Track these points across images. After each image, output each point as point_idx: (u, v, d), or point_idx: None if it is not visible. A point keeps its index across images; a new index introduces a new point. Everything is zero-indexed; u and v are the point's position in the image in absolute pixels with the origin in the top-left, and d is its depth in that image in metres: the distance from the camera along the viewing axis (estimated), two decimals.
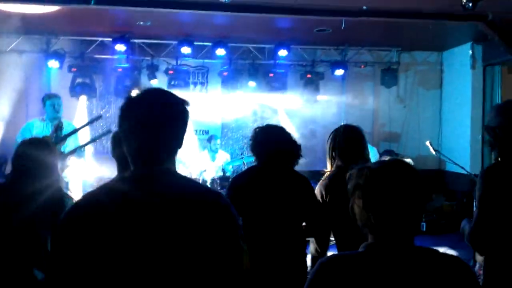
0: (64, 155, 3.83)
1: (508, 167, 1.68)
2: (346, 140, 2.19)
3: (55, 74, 5.66)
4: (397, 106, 6.60)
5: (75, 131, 3.87)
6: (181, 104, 1.10)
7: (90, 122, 4.03)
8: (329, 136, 2.25)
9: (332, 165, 2.22)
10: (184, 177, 1.11)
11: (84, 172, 4.68)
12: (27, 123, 3.90)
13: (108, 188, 1.08)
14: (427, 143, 4.97)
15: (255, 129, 2.25)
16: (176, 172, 1.10)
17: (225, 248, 1.04)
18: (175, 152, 1.10)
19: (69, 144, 3.91)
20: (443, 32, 5.51)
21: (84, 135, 4.35)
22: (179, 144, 1.10)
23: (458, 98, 6.19)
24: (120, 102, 1.18)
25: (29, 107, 5.18)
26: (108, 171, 2.37)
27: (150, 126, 1.06)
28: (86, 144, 3.74)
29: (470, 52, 5.88)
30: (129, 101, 1.09)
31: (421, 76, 6.62)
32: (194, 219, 1.02)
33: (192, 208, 1.03)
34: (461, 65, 6.09)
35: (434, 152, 4.92)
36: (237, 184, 2.20)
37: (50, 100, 3.87)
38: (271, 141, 2.14)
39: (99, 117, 4.16)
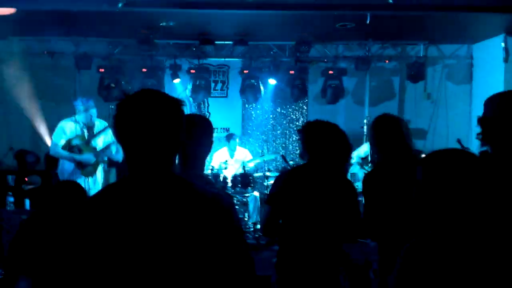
0: (98, 152, 4.00)
1: (501, 159, 1.60)
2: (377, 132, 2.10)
3: (84, 75, 5.86)
4: (424, 101, 6.39)
5: (106, 128, 4.02)
6: (176, 106, 1.09)
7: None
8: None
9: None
10: (184, 181, 1.10)
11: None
12: (60, 124, 4.03)
13: (109, 192, 1.08)
14: (457, 140, 4.79)
15: (307, 124, 2.13)
16: (175, 175, 1.10)
17: (226, 251, 1.04)
18: (174, 154, 1.11)
19: (99, 142, 4.05)
20: (473, 23, 5.27)
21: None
22: (177, 145, 1.10)
23: (490, 93, 5.88)
24: None
25: (59, 107, 5.39)
26: None
27: (148, 130, 1.04)
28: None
29: (503, 44, 5.60)
30: (124, 106, 1.07)
31: (450, 70, 6.37)
32: (193, 222, 1.03)
33: (192, 211, 1.04)
34: (493, 58, 5.81)
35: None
36: (283, 180, 2.12)
37: (83, 107, 3.91)
38: (325, 139, 2.03)
39: None
